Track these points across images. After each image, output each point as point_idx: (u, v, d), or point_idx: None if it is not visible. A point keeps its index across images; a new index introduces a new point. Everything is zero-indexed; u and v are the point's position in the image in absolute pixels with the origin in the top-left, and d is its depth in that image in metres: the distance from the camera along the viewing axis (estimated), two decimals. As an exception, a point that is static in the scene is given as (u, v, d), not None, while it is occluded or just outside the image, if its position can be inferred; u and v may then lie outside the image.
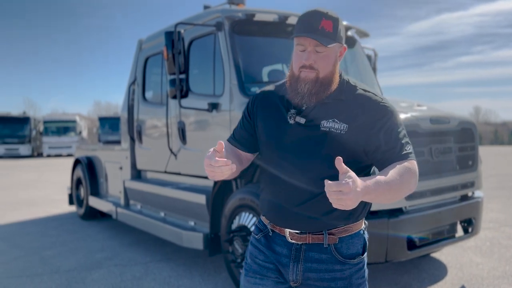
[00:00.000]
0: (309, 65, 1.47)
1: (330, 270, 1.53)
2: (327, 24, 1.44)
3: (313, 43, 1.46)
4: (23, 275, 4.38)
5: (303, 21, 1.49)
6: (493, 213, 7.06)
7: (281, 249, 1.59)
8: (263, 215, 1.69)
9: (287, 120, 1.54)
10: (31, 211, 8.06)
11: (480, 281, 3.93)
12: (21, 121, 29.88)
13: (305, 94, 1.49)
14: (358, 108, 1.50)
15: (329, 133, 1.48)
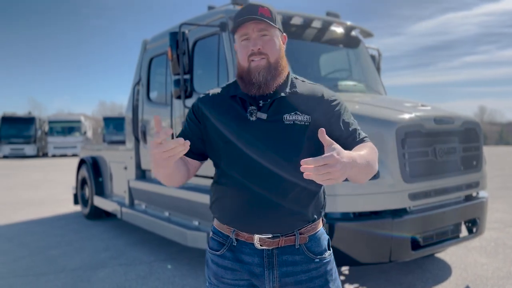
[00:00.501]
0: (257, 51, 1.45)
1: (306, 270, 1.49)
2: (265, 11, 1.47)
3: (256, 29, 1.46)
4: (29, 274, 4.41)
5: (240, 14, 1.49)
6: (498, 214, 7.04)
7: (251, 258, 1.48)
8: (223, 224, 1.54)
9: (247, 118, 1.47)
10: (37, 210, 8.11)
11: (484, 281, 3.92)
12: (27, 121, 30.06)
13: (261, 82, 1.45)
14: (315, 99, 1.53)
15: (293, 126, 1.46)
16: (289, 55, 4.71)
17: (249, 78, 1.47)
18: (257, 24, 1.45)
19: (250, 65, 1.47)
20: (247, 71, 1.47)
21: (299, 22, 4.52)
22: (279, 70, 1.49)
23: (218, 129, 1.51)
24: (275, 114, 1.47)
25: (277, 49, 1.49)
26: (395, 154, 3.22)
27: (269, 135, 1.45)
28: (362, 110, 3.59)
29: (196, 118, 1.57)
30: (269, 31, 1.47)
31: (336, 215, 3.24)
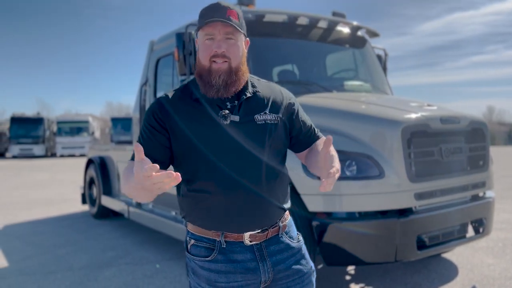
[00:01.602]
0: (221, 53, 1.44)
1: (292, 254, 1.60)
2: (233, 14, 1.46)
3: (223, 31, 1.44)
4: (37, 272, 4.46)
5: (208, 12, 1.46)
6: (505, 214, 6.99)
7: (243, 255, 1.52)
8: (209, 230, 1.53)
9: (217, 121, 1.47)
10: (45, 210, 8.19)
11: (491, 282, 3.91)
12: (35, 121, 30.33)
13: (220, 86, 1.46)
14: (276, 97, 1.60)
15: (265, 125, 1.52)
16: (296, 56, 4.72)
17: (209, 80, 1.46)
18: (224, 27, 1.44)
19: (211, 66, 1.46)
20: (208, 71, 1.47)
21: (305, 22, 4.53)
22: (239, 75, 1.49)
23: (190, 136, 1.47)
24: (246, 115, 1.50)
25: (240, 54, 1.49)
26: (401, 153, 3.22)
27: (244, 137, 1.48)
28: (368, 110, 3.60)
29: (159, 125, 1.49)
30: (235, 36, 1.47)
31: (342, 214, 3.25)
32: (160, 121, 1.49)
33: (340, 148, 3.29)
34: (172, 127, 1.49)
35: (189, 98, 1.53)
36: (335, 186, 3.19)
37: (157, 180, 1.13)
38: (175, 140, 1.49)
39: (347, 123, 3.45)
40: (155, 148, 1.48)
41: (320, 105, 3.76)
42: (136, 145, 1.19)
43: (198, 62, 1.52)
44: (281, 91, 1.64)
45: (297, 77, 4.51)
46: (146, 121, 1.53)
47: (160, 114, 1.50)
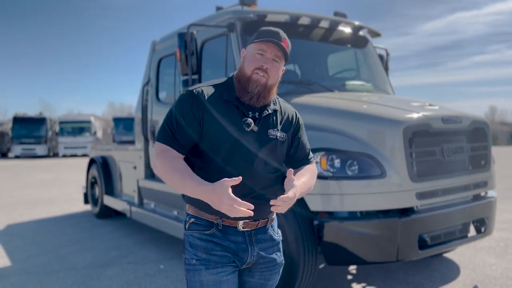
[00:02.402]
0: (265, 69, 1.68)
1: (272, 245, 1.86)
2: (286, 44, 1.72)
3: (273, 52, 1.69)
4: (40, 271, 4.48)
5: (268, 32, 1.71)
6: (508, 214, 6.98)
7: (236, 237, 1.75)
8: (209, 214, 1.73)
9: (242, 126, 1.70)
10: (48, 209, 8.22)
11: (493, 281, 3.91)
12: (38, 121, 30.36)
13: (254, 95, 1.70)
14: (289, 119, 1.85)
15: (275, 140, 1.77)
16: (298, 56, 4.73)
17: (247, 86, 1.70)
18: (276, 50, 1.69)
19: (252, 76, 1.69)
20: (248, 79, 1.70)
21: (307, 22, 4.54)
22: (270, 92, 1.74)
23: (214, 130, 1.69)
24: (263, 128, 1.75)
25: (277, 76, 1.75)
26: (402, 153, 3.23)
27: (257, 145, 1.73)
28: (370, 110, 3.60)
29: (195, 117, 1.68)
30: (280, 60, 1.73)
31: (343, 214, 3.26)
32: (196, 112, 1.68)
33: (342, 148, 3.30)
34: (203, 117, 1.69)
35: (220, 97, 1.73)
36: (337, 185, 3.20)
37: (236, 213, 1.52)
38: (205, 128, 1.70)
39: (348, 122, 3.45)
40: (186, 136, 1.69)
41: (321, 105, 3.77)
42: (238, 179, 1.53)
43: (241, 69, 1.74)
44: (294, 113, 1.90)
45: (299, 77, 4.52)
46: (180, 108, 1.70)
47: (196, 104, 1.69)
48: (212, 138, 1.70)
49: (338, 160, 3.24)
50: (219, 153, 1.70)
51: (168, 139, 1.69)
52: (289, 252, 3.22)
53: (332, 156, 3.25)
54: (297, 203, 3.27)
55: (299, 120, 1.91)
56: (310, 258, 3.24)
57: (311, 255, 3.24)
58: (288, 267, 3.24)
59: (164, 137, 1.70)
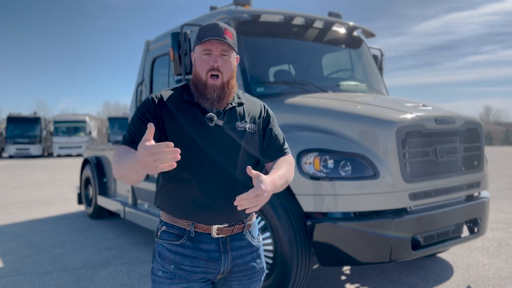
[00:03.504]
0: (217, 67, 1.63)
1: (250, 252, 1.77)
2: (229, 34, 1.66)
3: (220, 48, 1.64)
4: (33, 272, 4.45)
5: (207, 30, 1.65)
6: (502, 214, 7.01)
7: (209, 246, 1.67)
8: (180, 219, 1.67)
9: (205, 123, 1.65)
10: (42, 210, 8.18)
11: (486, 281, 3.92)
12: (32, 121, 30.24)
13: (214, 99, 1.65)
14: (257, 110, 1.81)
15: (244, 132, 1.71)
16: (292, 56, 4.72)
17: (204, 93, 1.65)
18: (221, 45, 1.64)
19: (207, 80, 1.65)
20: (204, 84, 1.65)
21: (301, 22, 4.54)
22: (230, 88, 1.69)
23: (178, 131, 1.64)
24: (229, 121, 1.69)
25: (231, 69, 1.69)
26: (396, 154, 3.23)
27: (225, 139, 1.67)
28: (363, 110, 3.60)
29: (153, 118, 1.64)
30: (229, 53, 1.67)
31: (337, 214, 3.26)
32: (154, 114, 1.65)
33: (335, 148, 3.30)
34: (163, 120, 1.64)
35: (180, 98, 1.70)
36: (330, 186, 3.20)
37: (164, 155, 1.27)
38: (163, 133, 1.64)
39: (342, 123, 3.45)
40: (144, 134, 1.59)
41: (315, 105, 3.77)
42: (150, 125, 1.31)
43: (195, 74, 1.69)
44: (261, 104, 1.86)
45: (293, 77, 4.52)
46: (140, 113, 1.66)
47: (153, 107, 1.66)
48: (175, 138, 1.61)
49: (331, 160, 3.24)
50: (185, 155, 1.56)
51: (126, 141, 1.62)
52: (283, 253, 3.22)
53: (325, 157, 3.24)
54: (290, 203, 3.29)
55: (268, 111, 1.85)
56: (304, 259, 3.23)
57: (305, 256, 3.23)
58: (282, 267, 3.24)
59: (122, 141, 1.65)
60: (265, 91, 4.14)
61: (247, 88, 4.00)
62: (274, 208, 3.27)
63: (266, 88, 4.19)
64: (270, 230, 3.34)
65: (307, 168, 3.24)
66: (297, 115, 3.72)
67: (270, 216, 3.30)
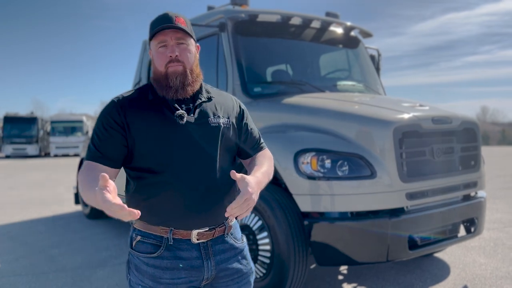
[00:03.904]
0: (175, 57, 1.53)
1: (234, 255, 1.68)
2: (181, 21, 1.55)
3: (174, 37, 1.54)
4: (29, 273, 4.44)
5: (157, 22, 1.55)
6: (498, 214, 7.03)
7: (189, 253, 1.57)
8: (156, 226, 1.57)
9: (176, 121, 1.54)
10: (39, 210, 8.15)
11: (483, 281, 3.93)
12: (29, 121, 30.16)
13: (178, 86, 1.54)
14: (229, 104, 1.72)
15: (218, 127, 1.61)
16: (290, 56, 4.72)
17: (167, 82, 1.55)
18: (175, 33, 1.54)
19: (167, 71, 1.54)
20: (165, 75, 1.55)
21: (298, 22, 4.54)
22: (193, 76, 1.59)
23: (147, 134, 1.53)
24: (201, 118, 1.59)
25: (192, 58, 1.59)
26: (393, 154, 3.24)
27: (199, 137, 1.57)
28: (360, 110, 3.60)
29: (117, 125, 1.53)
30: (186, 40, 1.57)
31: (334, 214, 3.26)
32: (118, 120, 1.54)
33: (332, 148, 3.30)
34: (129, 125, 1.53)
35: (145, 99, 1.60)
36: (328, 186, 3.20)
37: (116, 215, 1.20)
38: (131, 138, 1.54)
39: (339, 123, 3.46)
40: (112, 148, 1.53)
41: (312, 105, 3.77)
42: (102, 175, 1.21)
43: (155, 69, 1.59)
44: (232, 98, 1.77)
45: (291, 77, 4.52)
46: (102, 121, 1.55)
47: (117, 113, 1.54)
48: (144, 142, 1.53)
49: (328, 160, 3.24)
50: (157, 157, 1.53)
51: (92, 155, 1.52)
52: (280, 253, 3.22)
53: (322, 157, 3.25)
54: (287, 203, 3.29)
55: (240, 105, 1.77)
56: (301, 259, 3.23)
57: (302, 256, 3.24)
58: (279, 267, 3.24)
59: (88, 155, 1.54)
60: (262, 91, 4.14)
61: (245, 88, 4.00)
62: (271, 208, 3.28)
63: (263, 88, 4.19)
64: (267, 230, 3.34)
65: (304, 168, 3.24)
66: (294, 115, 3.72)
67: (268, 216, 3.30)
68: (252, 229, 3.49)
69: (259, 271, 3.43)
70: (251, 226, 3.51)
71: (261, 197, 3.37)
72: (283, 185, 3.48)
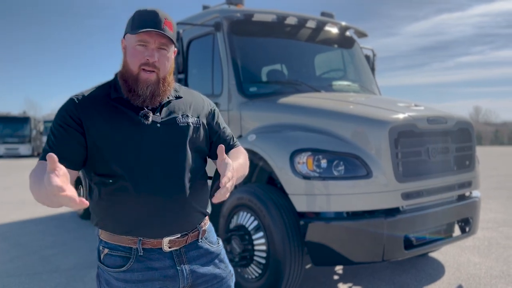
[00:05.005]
0: (152, 63, 1.44)
1: (211, 259, 1.61)
2: (169, 25, 1.46)
3: (158, 41, 1.44)
4: (22, 274, 4.40)
5: (145, 18, 1.44)
6: (492, 213, 7.08)
7: (162, 263, 1.49)
8: (123, 236, 1.47)
9: (141, 121, 1.45)
10: (32, 210, 8.09)
11: (477, 280, 3.95)
12: (21, 121, 29.92)
13: (147, 96, 1.45)
14: (198, 102, 1.65)
15: (187, 127, 1.54)
16: (285, 55, 4.72)
17: (136, 89, 1.45)
18: (160, 38, 1.44)
19: (139, 74, 1.45)
20: (135, 79, 1.45)
21: (294, 22, 4.53)
22: (165, 85, 1.50)
23: (107, 135, 1.43)
24: (168, 117, 1.51)
25: (169, 65, 1.51)
26: (388, 154, 3.24)
27: (166, 137, 1.48)
28: (356, 110, 3.61)
29: (75, 123, 1.42)
30: (168, 47, 1.48)
31: (330, 214, 3.25)
32: (76, 118, 1.43)
33: (328, 148, 3.30)
34: (88, 125, 1.43)
35: (107, 97, 1.49)
36: (323, 186, 3.19)
37: (64, 202, 1.06)
38: (90, 139, 1.43)
39: (334, 123, 3.45)
40: (69, 148, 1.41)
41: (308, 105, 3.77)
42: (49, 155, 1.06)
43: (125, 65, 1.49)
44: (202, 97, 1.70)
45: (286, 76, 4.51)
46: (59, 119, 1.44)
47: (76, 112, 1.44)
48: (106, 144, 1.42)
49: (324, 160, 3.23)
50: (121, 160, 1.42)
51: (45, 155, 1.25)
52: (276, 253, 3.21)
53: (318, 157, 3.24)
54: (283, 203, 3.28)
55: (210, 104, 1.69)
56: (297, 259, 3.23)
57: (298, 256, 3.23)
58: (275, 267, 3.23)
59: (41, 156, 1.38)
60: (258, 91, 4.13)
61: (240, 88, 3.99)
62: (267, 207, 3.27)
63: (259, 87, 4.19)
64: (263, 230, 3.33)
65: (300, 168, 3.23)
66: (290, 115, 3.72)
67: (263, 216, 3.29)
68: (248, 229, 3.48)
69: (254, 271, 3.42)
70: (246, 226, 3.50)
71: (257, 197, 3.37)
72: (278, 185, 3.48)
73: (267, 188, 3.42)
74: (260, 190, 3.41)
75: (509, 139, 46.96)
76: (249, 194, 3.46)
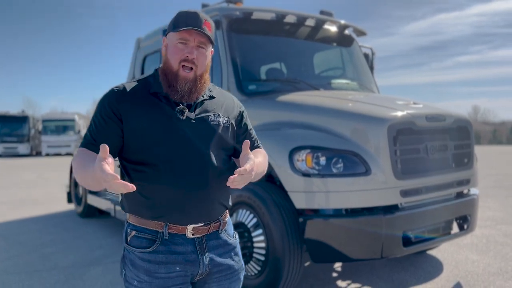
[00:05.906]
0: (191, 59, 1.54)
1: (228, 251, 1.70)
2: (208, 26, 1.57)
3: (197, 39, 1.55)
4: (22, 271, 4.40)
5: (186, 18, 1.54)
6: (490, 211, 7.10)
7: (184, 247, 1.58)
8: (151, 220, 1.57)
9: (176, 116, 1.55)
10: (32, 209, 8.08)
11: (475, 277, 3.97)
12: (20, 120, 29.90)
13: (185, 92, 1.56)
14: (229, 103, 1.74)
15: (218, 125, 1.63)
16: (284, 54, 4.72)
17: (175, 85, 1.55)
18: (199, 36, 1.55)
19: (179, 71, 1.55)
20: (175, 75, 1.55)
21: (293, 20, 4.54)
22: (202, 82, 1.60)
23: (144, 127, 1.53)
24: (201, 114, 1.61)
25: (206, 63, 1.60)
26: (387, 151, 3.25)
27: (197, 133, 1.57)
28: (355, 108, 3.62)
29: (114, 115, 1.53)
30: (206, 46, 1.58)
31: (329, 211, 3.27)
32: (116, 109, 1.53)
33: (327, 145, 3.31)
34: (126, 116, 1.53)
35: (146, 91, 1.59)
36: (322, 183, 3.20)
37: (116, 187, 1.21)
38: (128, 129, 1.53)
39: (334, 120, 3.47)
40: (107, 138, 1.50)
41: (307, 103, 3.78)
42: (102, 145, 1.23)
43: (166, 62, 1.58)
44: (233, 99, 1.80)
45: (285, 75, 4.52)
46: (100, 109, 1.55)
47: (116, 103, 1.54)
48: (142, 135, 1.52)
49: (323, 157, 3.25)
50: (155, 150, 1.53)
51: (87, 142, 1.52)
52: (275, 250, 3.22)
53: (317, 154, 3.25)
54: (282, 200, 3.29)
55: (240, 106, 1.79)
56: (296, 256, 3.24)
57: (297, 253, 3.24)
58: (274, 264, 3.25)
59: (83, 142, 1.53)
60: (257, 89, 4.14)
61: (239, 86, 4.00)
62: (266, 205, 3.28)
63: (258, 85, 4.19)
64: (262, 227, 3.34)
65: (299, 165, 3.24)
66: (289, 112, 3.73)
67: (262, 213, 3.30)
68: (247, 226, 3.49)
69: (254, 269, 3.44)
70: (246, 223, 3.51)
71: (256, 195, 3.37)
72: (278, 182, 3.49)
73: (266, 186, 3.43)
74: (259, 187, 3.42)
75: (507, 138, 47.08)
76: (248, 192, 3.47)
